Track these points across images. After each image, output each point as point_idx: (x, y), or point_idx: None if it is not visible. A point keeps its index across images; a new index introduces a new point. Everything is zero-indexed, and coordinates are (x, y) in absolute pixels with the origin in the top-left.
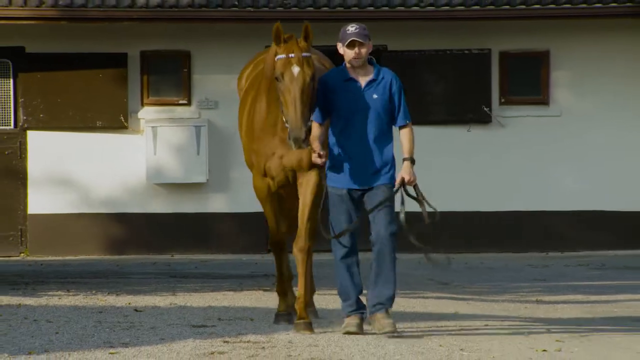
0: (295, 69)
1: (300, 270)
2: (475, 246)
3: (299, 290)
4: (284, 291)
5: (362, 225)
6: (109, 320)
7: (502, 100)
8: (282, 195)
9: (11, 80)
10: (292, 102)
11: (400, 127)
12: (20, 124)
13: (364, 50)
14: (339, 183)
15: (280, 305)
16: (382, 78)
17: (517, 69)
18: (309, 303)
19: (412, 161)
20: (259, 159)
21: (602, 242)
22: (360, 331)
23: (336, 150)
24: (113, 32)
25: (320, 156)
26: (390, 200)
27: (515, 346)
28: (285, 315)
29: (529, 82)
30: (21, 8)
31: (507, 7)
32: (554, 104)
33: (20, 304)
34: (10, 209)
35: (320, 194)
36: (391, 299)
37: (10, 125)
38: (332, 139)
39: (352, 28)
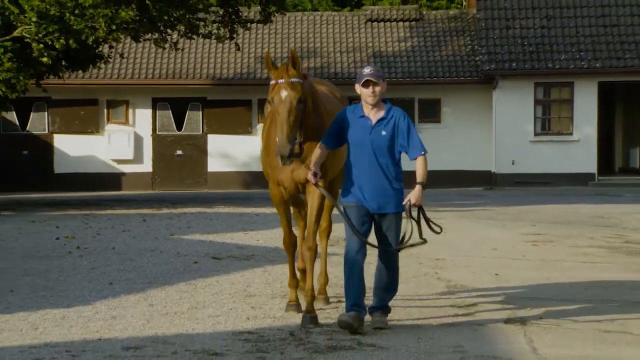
0: (283, 93)
1: (308, 266)
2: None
3: (307, 284)
4: (295, 285)
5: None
6: (244, 220)
7: (420, 121)
8: (302, 201)
9: (201, 112)
10: (279, 123)
11: (415, 158)
12: (204, 131)
13: (377, 89)
14: (351, 198)
15: (291, 296)
16: (392, 117)
17: (426, 107)
18: (319, 293)
19: (423, 186)
20: (273, 171)
21: (463, 184)
22: (352, 323)
23: (350, 175)
24: (246, 89)
25: (315, 174)
26: (398, 224)
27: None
28: (294, 305)
29: (431, 113)
30: (205, 79)
31: (422, 78)
32: (443, 122)
33: (200, 212)
34: (200, 169)
35: (324, 202)
36: (388, 302)
37: (200, 131)
38: (347, 166)
39: (367, 70)
